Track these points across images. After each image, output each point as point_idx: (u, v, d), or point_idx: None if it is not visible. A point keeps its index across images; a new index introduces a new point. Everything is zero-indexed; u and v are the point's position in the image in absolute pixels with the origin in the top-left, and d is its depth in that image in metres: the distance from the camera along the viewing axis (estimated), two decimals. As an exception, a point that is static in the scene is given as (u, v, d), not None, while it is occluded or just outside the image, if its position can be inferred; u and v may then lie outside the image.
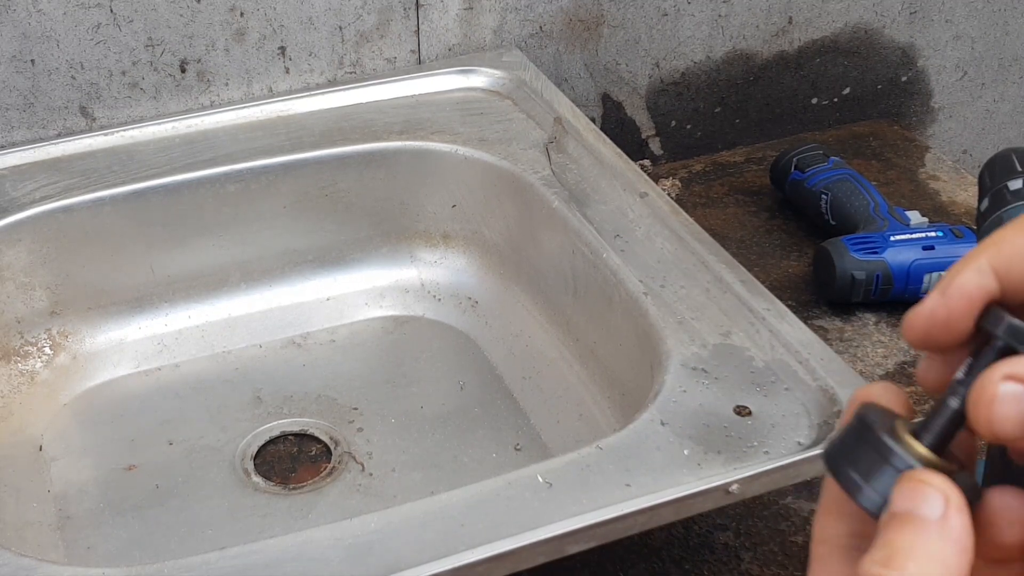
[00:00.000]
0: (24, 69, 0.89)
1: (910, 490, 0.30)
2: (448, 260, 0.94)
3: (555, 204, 0.84)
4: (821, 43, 1.15)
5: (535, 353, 0.87)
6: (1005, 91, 1.28)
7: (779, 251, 1.00)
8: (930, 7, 1.18)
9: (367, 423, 0.84)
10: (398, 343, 0.91)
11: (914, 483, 0.30)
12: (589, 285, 0.81)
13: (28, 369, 0.85)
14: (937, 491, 0.30)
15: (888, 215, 0.94)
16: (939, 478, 0.30)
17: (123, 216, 0.86)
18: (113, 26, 0.89)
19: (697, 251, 0.78)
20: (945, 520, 0.29)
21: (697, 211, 1.05)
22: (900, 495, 0.30)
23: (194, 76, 0.94)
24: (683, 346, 0.70)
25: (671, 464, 0.62)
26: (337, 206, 0.92)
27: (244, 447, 0.82)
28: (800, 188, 1.01)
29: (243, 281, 0.92)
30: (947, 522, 0.29)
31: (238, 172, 0.88)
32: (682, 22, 1.08)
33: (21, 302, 0.85)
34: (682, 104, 1.13)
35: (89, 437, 0.82)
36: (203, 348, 0.89)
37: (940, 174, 1.11)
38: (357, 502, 0.77)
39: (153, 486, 0.78)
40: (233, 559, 0.57)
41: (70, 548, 0.74)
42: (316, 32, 0.96)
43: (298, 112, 0.94)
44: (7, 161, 0.88)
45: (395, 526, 0.59)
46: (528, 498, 0.60)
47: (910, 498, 0.30)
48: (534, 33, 1.03)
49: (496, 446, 0.81)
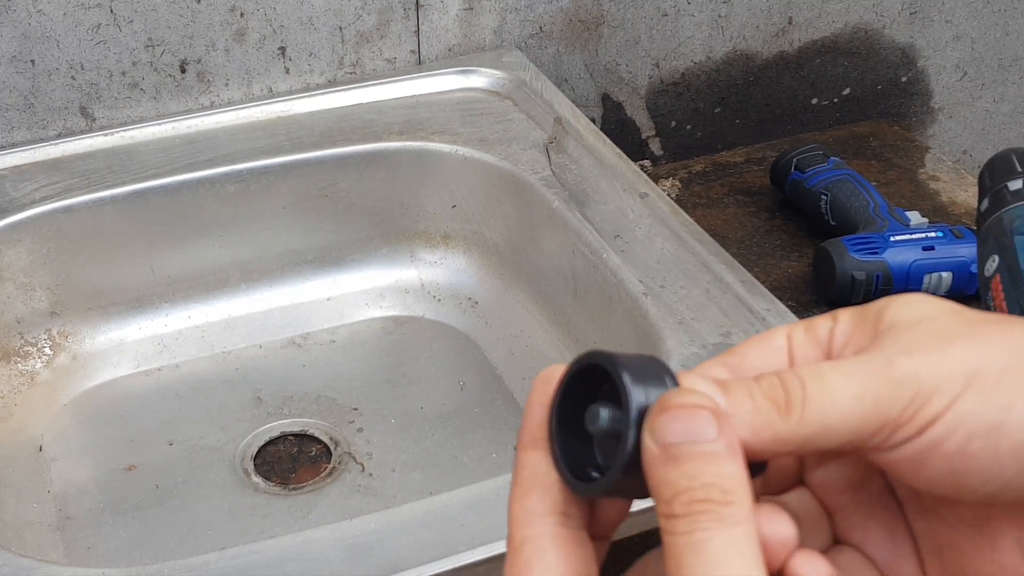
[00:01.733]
0: (24, 69, 0.89)
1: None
2: (448, 260, 0.94)
3: (555, 204, 0.84)
4: (821, 43, 1.15)
5: (535, 353, 0.87)
6: (1005, 91, 1.28)
7: (779, 251, 1.00)
8: (930, 7, 1.18)
9: (367, 423, 0.84)
10: (398, 343, 0.91)
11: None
12: (589, 285, 0.81)
13: (28, 369, 0.85)
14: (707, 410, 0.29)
15: (888, 215, 0.94)
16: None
17: (123, 216, 0.86)
18: (113, 26, 0.89)
19: (697, 251, 0.78)
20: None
21: (697, 211, 1.04)
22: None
23: (194, 76, 0.94)
24: (683, 346, 0.70)
25: (671, 464, 0.62)
26: (337, 206, 0.92)
27: (244, 447, 0.82)
28: (800, 188, 1.01)
29: (243, 281, 0.92)
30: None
31: (238, 172, 0.88)
32: (682, 22, 1.08)
33: (21, 302, 0.85)
34: (682, 104, 1.13)
35: (89, 437, 0.82)
36: (203, 348, 0.89)
37: (940, 174, 1.11)
38: (357, 502, 0.77)
39: (153, 486, 0.78)
40: (233, 559, 0.57)
41: (70, 548, 0.74)
42: (316, 32, 0.96)
43: (298, 112, 0.94)
44: (7, 161, 0.88)
45: (395, 526, 0.59)
46: (528, 498, 0.60)
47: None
48: (534, 33, 1.03)
49: (496, 446, 0.82)
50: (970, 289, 0.90)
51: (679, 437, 0.28)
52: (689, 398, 0.29)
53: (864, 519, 0.33)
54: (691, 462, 0.28)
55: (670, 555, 0.27)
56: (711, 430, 0.28)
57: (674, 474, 0.28)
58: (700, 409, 0.29)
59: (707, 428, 0.28)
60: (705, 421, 0.28)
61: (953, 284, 0.90)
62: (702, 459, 0.28)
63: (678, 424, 0.28)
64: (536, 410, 0.32)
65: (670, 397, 0.29)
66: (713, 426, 0.28)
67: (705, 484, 0.28)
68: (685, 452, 0.28)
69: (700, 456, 0.28)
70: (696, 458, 0.28)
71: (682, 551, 0.27)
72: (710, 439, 0.28)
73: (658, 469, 0.28)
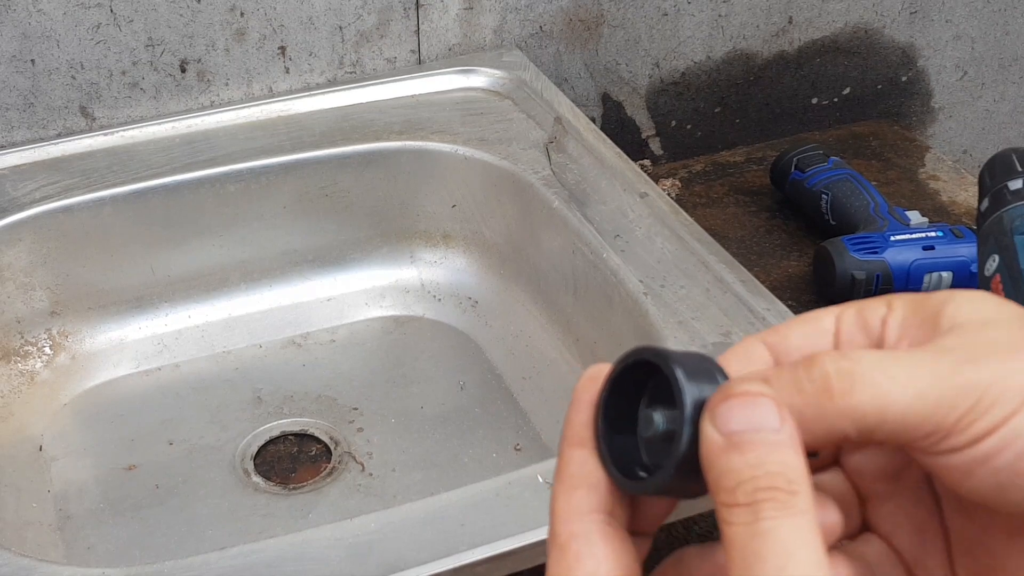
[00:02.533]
0: (24, 69, 0.89)
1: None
2: (448, 260, 0.94)
3: (555, 204, 0.84)
4: (821, 43, 1.15)
5: (535, 353, 0.87)
6: (1005, 91, 1.28)
7: (779, 251, 1.00)
8: (930, 7, 1.18)
9: (367, 423, 0.84)
10: (398, 343, 0.91)
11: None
12: (589, 285, 0.81)
13: (28, 369, 0.85)
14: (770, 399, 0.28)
15: (888, 215, 0.94)
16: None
17: (123, 216, 0.86)
18: (113, 26, 0.89)
19: (697, 251, 0.78)
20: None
21: (697, 211, 1.04)
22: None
23: (194, 76, 0.94)
24: (683, 346, 0.70)
25: (671, 464, 0.62)
26: (337, 206, 0.92)
27: (244, 447, 0.82)
28: (800, 188, 1.01)
29: (243, 281, 0.92)
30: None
31: (238, 172, 0.88)
32: (682, 22, 1.08)
33: (21, 302, 0.85)
34: (682, 104, 1.13)
35: (89, 437, 0.82)
36: (203, 348, 0.89)
37: (940, 174, 1.11)
38: (357, 502, 0.77)
39: (153, 486, 0.78)
40: (233, 559, 0.57)
41: (70, 548, 0.74)
42: (316, 32, 0.96)
43: (298, 112, 0.94)
44: (7, 161, 0.88)
45: (395, 526, 0.59)
46: (528, 498, 0.60)
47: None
48: (534, 33, 1.03)
49: (496, 446, 0.82)
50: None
51: (743, 425, 0.28)
52: (753, 386, 0.28)
53: (896, 510, 0.33)
54: (756, 450, 0.27)
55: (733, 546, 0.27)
56: (774, 419, 0.28)
57: (738, 462, 0.27)
58: (763, 397, 0.28)
59: (771, 417, 0.28)
60: (768, 410, 0.28)
61: (953, 284, 0.90)
62: (767, 447, 0.27)
63: (742, 412, 0.28)
64: (582, 408, 0.31)
65: (732, 385, 0.28)
66: (776, 415, 0.28)
67: (770, 473, 0.27)
68: (749, 440, 0.27)
69: (765, 444, 0.27)
70: (761, 446, 0.27)
71: (747, 541, 0.26)
72: (774, 428, 0.28)
73: (720, 458, 0.28)
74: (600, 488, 0.30)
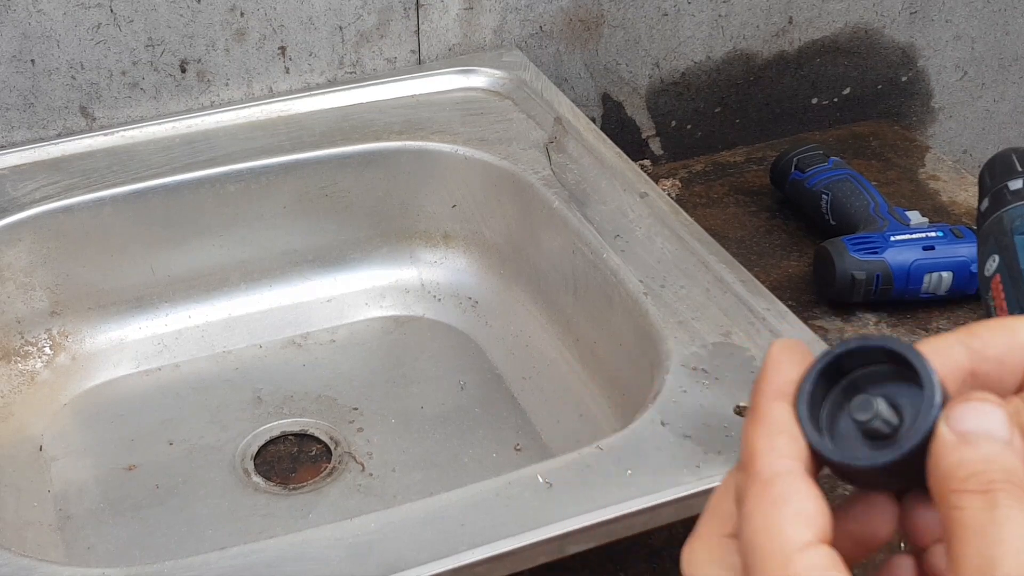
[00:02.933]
0: (24, 69, 0.89)
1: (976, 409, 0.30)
2: (448, 260, 0.94)
3: (555, 204, 0.84)
4: (821, 43, 1.15)
5: (535, 353, 0.87)
6: (1005, 91, 1.28)
7: (779, 251, 1.00)
8: (930, 7, 1.18)
9: (367, 423, 0.84)
10: (398, 343, 0.91)
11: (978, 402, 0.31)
12: (589, 285, 0.81)
13: (28, 369, 0.85)
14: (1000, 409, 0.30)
15: (888, 215, 0.94)
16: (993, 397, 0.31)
17: (123, 216, 0.86)
18: (113, 26, 0.89)
19: (697, 251, 0.78)
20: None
21: (697, 211, 1.04)
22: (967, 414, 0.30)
23: (194, 76, 0.94)
24: (683, 346, 0.70)
25: (671, 464, 0.62)
26: (337, 206, 0.92)
27: (244, 447, 0.82)
28: (800, 188, 1.01)
29: (243, 281, 0.92)
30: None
31: (238, 172, 0.88)
32: (682, 22, 1.08)
33: (21, 302, 0.85)
34: (682, 104, 1.13)
35: (89, 437, 0.82)
36: (203, 348, 0.89)
37: (940, 174, 1.11)
38: (357, 502, 0.77)
39: (153, 486, 0.78)
40: (233, 559, 0.57)
41: (70, 548, 0.74)
42: (316, 32, 0.96)
43: (298, 112, 0.94)
44: (7, 161, 0.88)
45: (395, 526, 0.59)
46: (528, 498, 0.60)
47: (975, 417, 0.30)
48: (534, 33, 1.03)
49: (496, 446, 0.81)
50: (970, 289, 0.90)
51: (976, 428, 0.30)
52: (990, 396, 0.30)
53: None
54: (989, 447, 0.29)
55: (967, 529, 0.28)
56: (1005, 429, 0.30)
57: (971, 455, 0.29)
58: (997, 408, 0.30)
59: (1002, 426, 0.30)
60: (1001, 419, 0.30)
61: (953, 284, 0.90)
62: (998, 447, 0.29)
63: (975, 416, 0.30)
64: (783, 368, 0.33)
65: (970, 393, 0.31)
66: (1007, 426, 0.30)
67: (1003, 468, 0.29)
68: (983, 438, 0.30)
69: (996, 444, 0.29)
70: (993, 444, 0.29)
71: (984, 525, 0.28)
72: (1003, 435, 0.30)
73: (954, 452, 0.29)
74: (801, 441, 0.31)
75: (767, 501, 0.30)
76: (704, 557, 0.32)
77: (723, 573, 0.32)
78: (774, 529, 0.30)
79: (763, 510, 0.30)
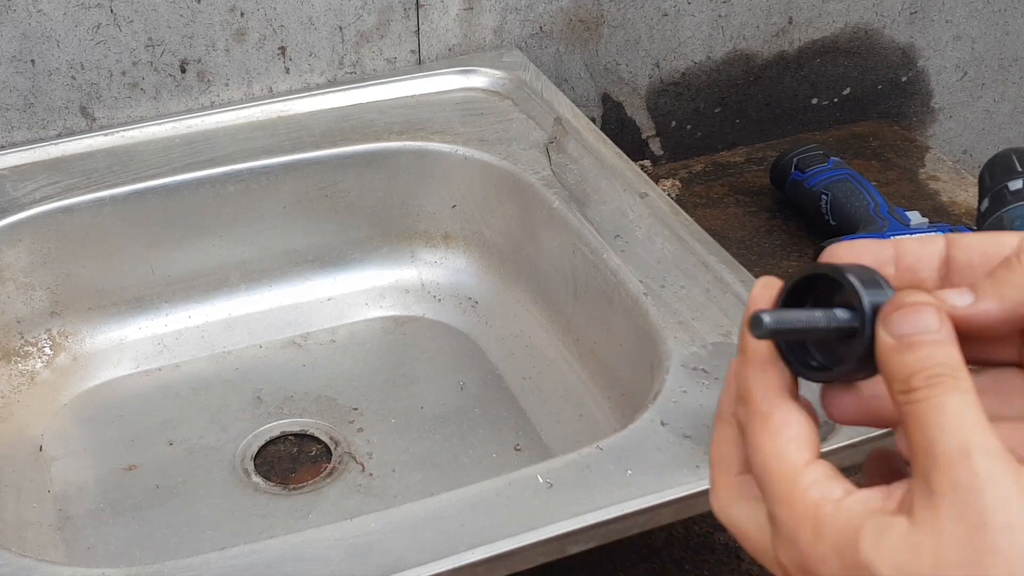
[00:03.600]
0: (24, 69, 0.89)
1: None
2: (448, 260, 0.94)
3: (555, 204, 0.84)
4: (821, 43, 1.15)
5: (535, 353, 0.87)
6: (1005, 91, 1.28)
7: (779, 251, 1.00)
8: (930, 7, 1.18)
9: (367, 423, 0.84)
10: (398, 343, 0.91)
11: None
12: (589, 285, 0.81)
13: (28, 369, 0.85)
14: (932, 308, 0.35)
15: (888, 215, 0.94)
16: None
17: (123, 216, 0.86)
18: (113, 26, 0.89)
19: (697, 251, 0.78)
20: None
21: (697, 211, 1.05)
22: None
23: (194, 76, 0.94)
24: (683, 346, 0.70)
25: (671, 464, 0.62)
26: (337, 206, 0.92)
27: (244, 447, 0.82)
28: (800, 188, 1.01)
29: (243, 281, 0.92)
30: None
31: (238, 172, 0.88)
32: (682, 22, 1.08)
33: (21, 302, 0.85)
34: (682, 104, 1.13)
35: (89, 437, 0.82)
36: (203, 348, 0.89)
37: (940, 174, 1.11)
38: (357, 502, 0.77)
39: (153, 486, 0.78)
40: (233, 559, 0.57)
41: (70, 548, 0.74)
42: (316, 32, 0.96)
43: (298, 112, 0.94)
44: (7, 161, 0.88)
45: (395, 526, 0.59)
46: (528, 498, 0.60)
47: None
48: (534, 33, 1.03)
49: (496, 446, 0.82)
50: (970, 289, 0.90)
51: (911, 329, 0.34)
52: (919, 297, 0.35)
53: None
54: (925, 348, 0.34)
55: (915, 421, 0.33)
56: (935, 322, 0.34)
57: (910, 358, 0.34)
58: (927, 306, 0.34)
59: (932, 320, 0.34)
60: (931, 315, 0.34)
61: (953, 284, 0.90)
62: (933, 345, 0.34)
63: (910, 319, 0.34)
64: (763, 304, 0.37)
65: (901, 297, 0.35)
66: (937, 319, 0.34)
67: (938, 363, 0.33)
68: (918, 341, 0.34)
69: (931, 343, 0.34)
70: (928, 345, 0.34)
71: (926, 413, 0.33)
72: (936, 329, 0.34)
73: (894, 356, 0.34)
74: (786, 372, 0.37)
75: (769, 432, 0.36)
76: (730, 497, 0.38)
77: (750, 503, 0.37)
78: (779, 453, 0.35)
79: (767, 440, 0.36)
